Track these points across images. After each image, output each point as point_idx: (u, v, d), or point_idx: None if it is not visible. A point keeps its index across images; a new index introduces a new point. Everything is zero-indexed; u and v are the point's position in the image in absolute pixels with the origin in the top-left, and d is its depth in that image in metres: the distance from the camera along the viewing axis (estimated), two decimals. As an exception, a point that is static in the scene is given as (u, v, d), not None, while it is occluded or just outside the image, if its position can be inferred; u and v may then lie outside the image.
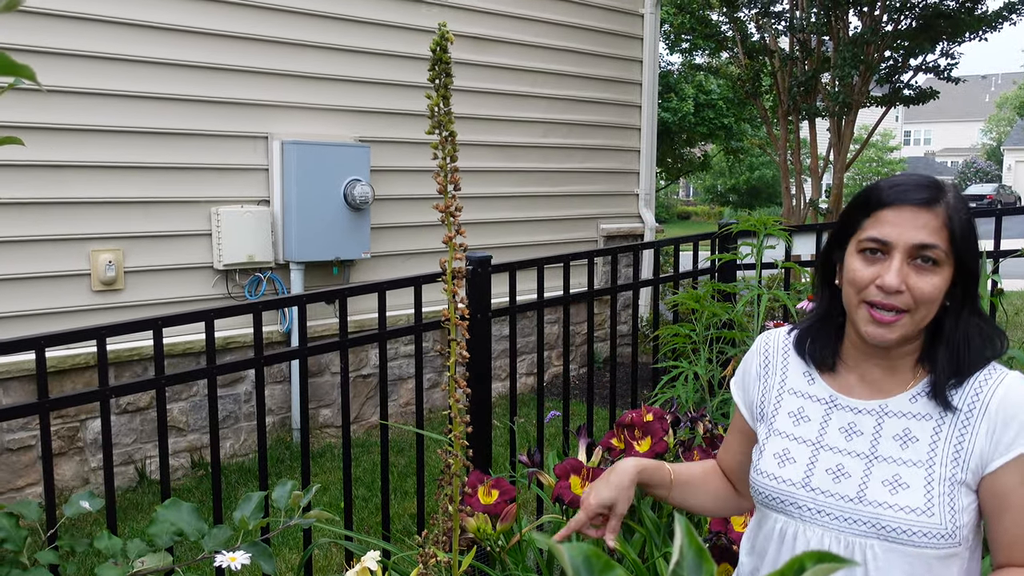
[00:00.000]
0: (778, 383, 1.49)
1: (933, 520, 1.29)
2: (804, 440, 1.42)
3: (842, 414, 1.40)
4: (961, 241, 1.31)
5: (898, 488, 1.32)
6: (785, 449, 1.43)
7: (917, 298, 1.30)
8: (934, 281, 1.30)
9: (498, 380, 6.26)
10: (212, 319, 2.18)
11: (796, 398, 1.46)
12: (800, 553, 0.69)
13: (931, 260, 1.30)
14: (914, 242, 1.30)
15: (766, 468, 1.44)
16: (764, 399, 1.50)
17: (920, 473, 1.31)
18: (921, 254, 1.30)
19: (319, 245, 5.31)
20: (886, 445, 1.35)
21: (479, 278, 2.71)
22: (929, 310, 1.32)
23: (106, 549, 1.97)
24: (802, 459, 1.40)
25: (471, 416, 2.80)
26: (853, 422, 1.39)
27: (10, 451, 4.36)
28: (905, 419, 1.35)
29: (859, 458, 1.36)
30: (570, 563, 0.69)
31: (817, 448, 1.40)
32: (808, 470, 1.39)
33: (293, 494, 2.08)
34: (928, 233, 1.30)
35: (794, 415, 1.45)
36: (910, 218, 1.30)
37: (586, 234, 7.13)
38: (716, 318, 3.24)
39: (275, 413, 5.41)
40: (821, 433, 1.41)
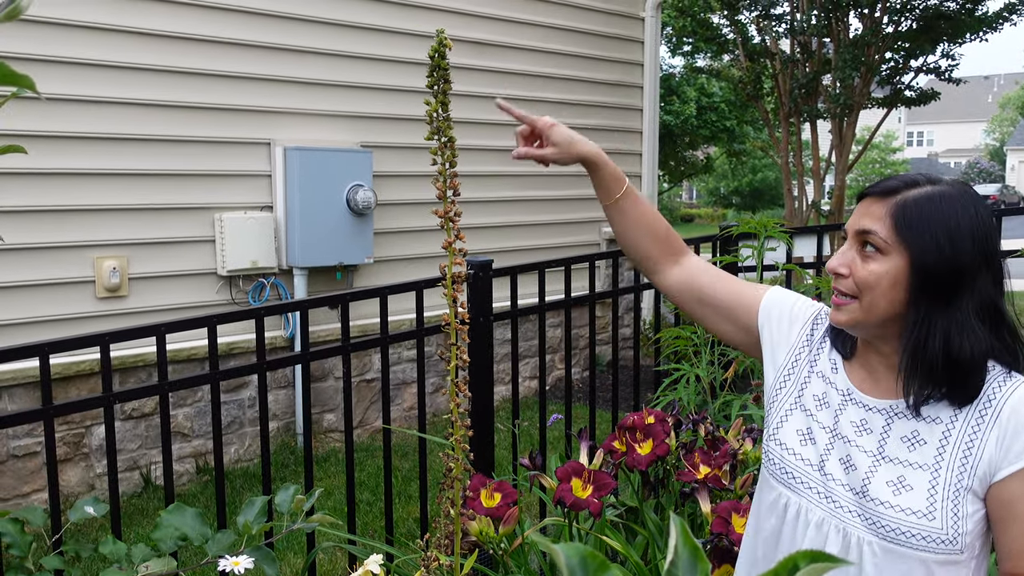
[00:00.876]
0: (811, 359, 1.49)
1: (934, 524, 1.29)
2: (824, 426, 1.43)
3: (855, 409, 1.41)
4: (910, 231, 1.30)
5: (901, 489, 1.32)
6: (809, 428, 1.44)
7: (857, 283, 1.33)
8: (871, 267, 1.32)
9: (501, 384, 6.26)
10: (215, 325, 2.20)
11: (822, 382, 1.47)
12: (795, 552, 0.70)
13: (874, 247, 1.32)
14: (856, 228, 1.35)
15: (787, 441, 1.44)
16: (796, 362, 1.50)
17: (925, 476, 1.31)
18: (864, 239, 1.34)
19: (322, 250, 5.33)
20: (893, 446, 1.35)
21: (480, 282, 2.72)
22: (874, 297, 1.32)
23: (111, 554, 1.99)
24: (821, 442, 1.42)
25: (473, 420, 2.81)
26: (864, 418, 1.39)
27: (16, 457, 4.38)
28: (914, 421, 1.35)
29: (867, 454, 1.37)
30: (565, 563, 0.70)
31: (833, 435, 1.41)
32: (825, 454, 1.40)
33: (296, 498, 2.09)
34: (871, 220, 1.33)
35: (818, 398, 1.46)
36: (863, 207, 1.36)
37: (589, 237, 7.14)
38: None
39: (279, 418, 5.42)
40: (836, 421, 1.42)
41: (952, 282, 1.29)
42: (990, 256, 1.31)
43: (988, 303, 1.30)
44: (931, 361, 1.30)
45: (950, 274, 1.29)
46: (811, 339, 1.51)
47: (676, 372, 3.23)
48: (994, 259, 1.32)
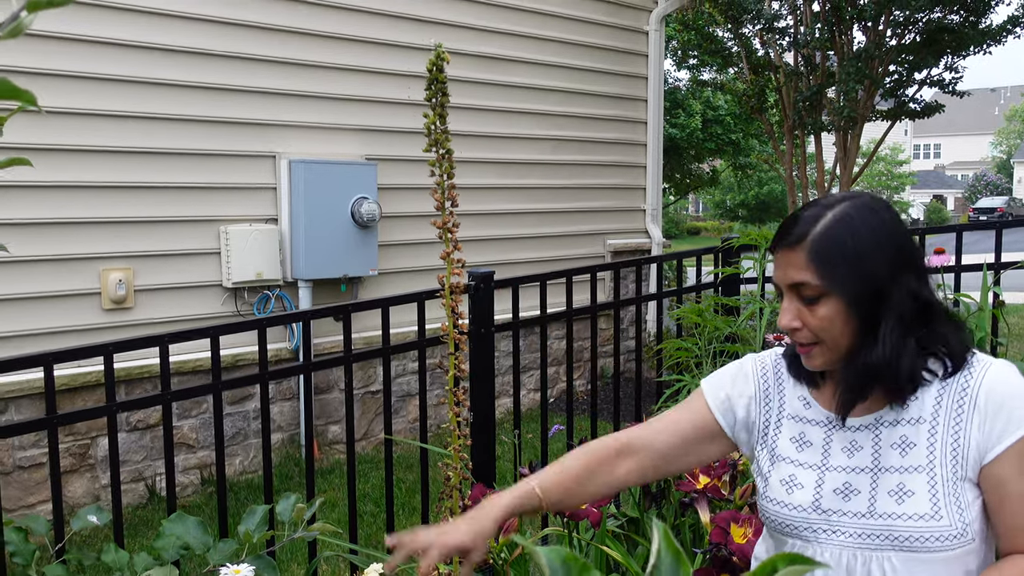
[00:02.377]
0: (777, 408, 1.50)
1: (942, 523, 1.31)
2: (809, 465, 1.43)
3: (842, 434, 1.42)
4: (833, 272, 1.33)
5: (904, 497, 1.34)
6: (792, 475, 1.44)
7: (814, 331, 1.35)
8: (821, 313, 1.34)
9: (505, 396, 6.28)
10: (217, 335, 2.22)
11: (796, 423, 1.47)
12: (774, 555, 0.71)
13: (810, 296, 1.34)
14: (787, 282, 1.37)
15: (775, 496, 1.45)
16: (766, 423, 1.50)
17: (923, 478, 1.34)
18: (799, 293, 1.36)
19: (327, 262, 5.36)
20: (887, 455, 1.37)
21: (482, 293, 2.74)
22: (834, 337, 1.35)
23: (113, 563, 2.01)
24: (809, 483, 1.42)
25: (475, 431, 2.83)
26: (853, 439, 1.41)
27: (21, 468, 4.40)
28: (900, 426, 1.38)
29: (864, 473, 1.38)
30: (547, 565, 0.72)
31: (823, 471, 1.42)
32: (816, 493, 1.41)
33: (297, 507, 2.11)
34: (795, 271, 1.35)
35: (796, 440, 1.46)
36: (784, 260, 1.37)
37: (593, 250, 7.16)
38: (719, 332, 3.26)
39: (284, 430, 5.44)
40: (825, 455, 1.42)
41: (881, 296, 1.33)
42: (903, 255, 1.35)
43: (916, 299, 1.34)
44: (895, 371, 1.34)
45: (874, 293, 1.33)
46: (767, 393, 1.51)
47: (677, 383, 3.24)
48: (909, 254, 1.36)
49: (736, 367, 1.56)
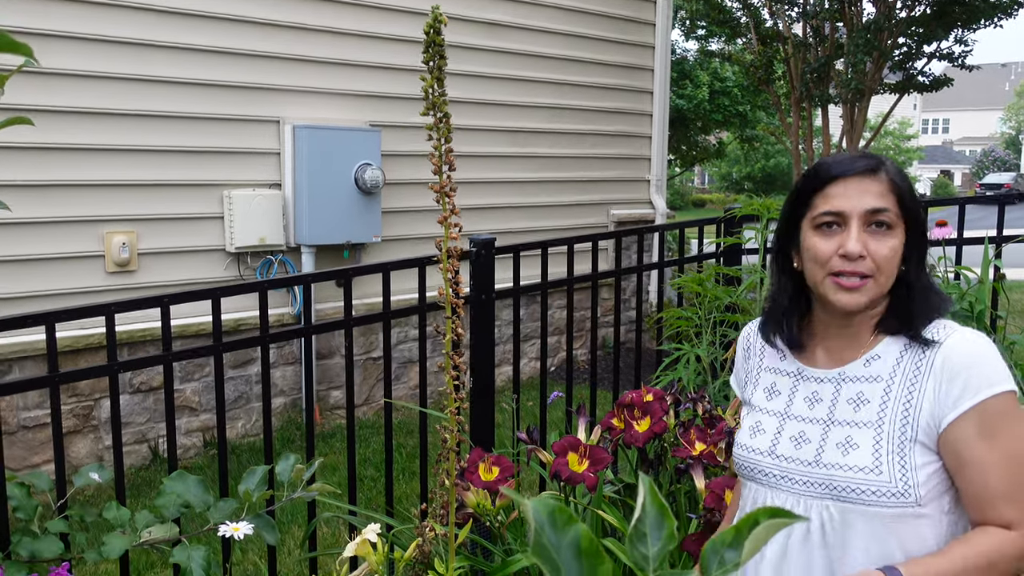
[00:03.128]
0: (756, 364, 1.58)
1: (882, 478, 1.33)
2: (774, 412, 1.49)
3: (807, 384, 1.47)
4: (909, 202, 1.39)
5: (849, 449, 1.37)
6: (758, 422, 1.51)
7: (878, 262, 1.37)
8: (891, 243, 1.38)
9: (505, 364, 6.30)
10: (219, 297, 2.23)
11: (770, 374, 1.54)
12: (756, 509, 0.73)
13: (884, 224, 1.37)
14: (867, 208, 1.37)
15: (741, 439, 1.52)
16: (747, 381, 1.59)
17: (869, 433, 1.36)
18: (875, 219, 1.37)
19: (330, 229, 5.36)
20: (842, 409, 1.41)
21: (483, 259, 2.74)
22: (890, 273, 1.39)
23: (114, 519, 2.03)
24: (771, 429, 1.48)
25: (474, 397, 2.84)
26: (816, 391, 1.45)
27: (26, 428, 4.44)
28: (859, 383, 1.41)
29: (818, 424, 1.43)
30: (534, 517, 0.73)
31: (784, 418, 1.47)
32: (775, 439, 1.46)
33: (296, 468, 2.13)
34: (877, 198, 1.37)
35: (768, 390, 1.53)
36: (858, 187, 1.38)
37: (596, 220, 7.15)
38: (719, 301, 3.27)
39: (287, 394, 5.48)
40: (788, 404, 1.48)
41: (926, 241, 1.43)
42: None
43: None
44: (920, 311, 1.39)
45: (923, 235, 1.42)
46: (748, 353, 1.61)
47: (677, 352, 3.25)
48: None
49: (736, 344, 1.66)
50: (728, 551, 0.73)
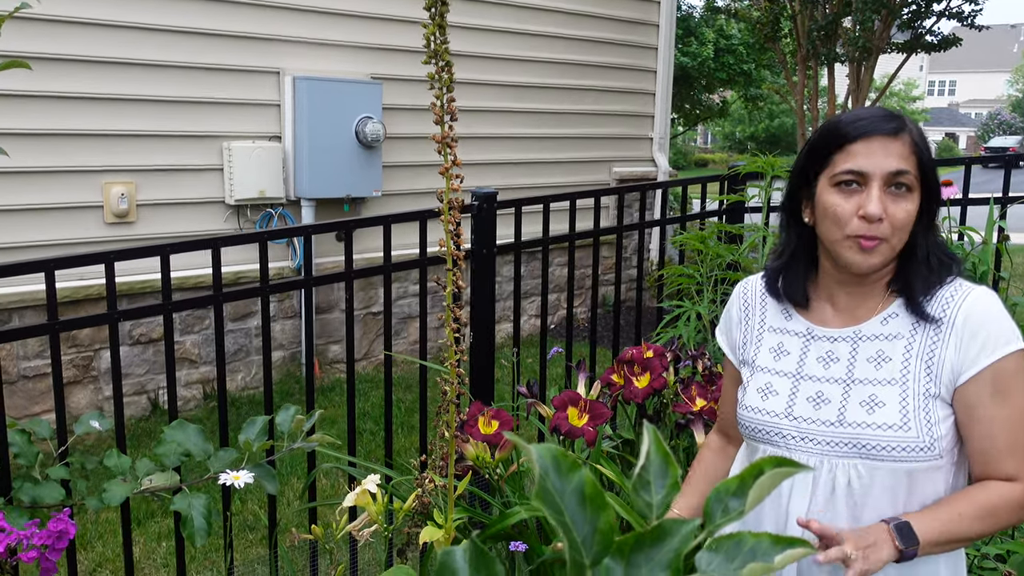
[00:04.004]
0: (758, 323, 1.54)
1: (910, 434, 1.34)
2: (785, 373, 1.47)
3: (819, 344, 1.45)
4: (927, 165, 1.38)
5: (875, 407, 1.37)
6: (768, 383, 1.48)
7: (895, 225, 1.36)
8: (908, 207, 1.36)
9: (505, 322, 6.30)
10: (219, 247, 2.22)
11: (775, 334, 1.51)
12: (760, 458, 0.72)
13: (904, 186, 1.35)
14: (890, 170, 1.35)
15: (750, 403, 1.49)
16: (746, 341, 1.55)
17: (895, 391, 1.36)
18: (896, 181, 1.35)
19: (330, 182, 5.33)
20: (862, 368, 1.40)
21: (485, 214, 2.72)
22: (904, 235, 1.37)
23: (115, 467, 2.04)
24: (784, 391, 1.46)
25: (475, 351, 2.84)
26: (831, 350, 1.44)
27: (26, 378, 4.45)
28: (878, 341, 1.40)
29: (837, 383, 1.41)
30: (538, 462, 0.72)
31: (797, 379, 1.45)
32: (790, 400, 1.45)
33: (296, 418, 2.13)
34: (900, 160, 1.35)
35: (775, 350, 1.50)
36: (881, 148, 1.35)
37: (598, 178, 7.11)
38: (721, 259, 3.26)
39: (286, 348, 5.49)
40: (800, 364, 1.46)
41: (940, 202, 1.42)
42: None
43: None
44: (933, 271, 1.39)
45: (938, 198, 1.41)
46: (747, 311, 1.57)
47: (677, 309, 3.25)
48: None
49: (728, 303, 1.62)
50: (732, 499, 0.72)
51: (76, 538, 3.27)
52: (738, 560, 0.73)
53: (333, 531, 2.01)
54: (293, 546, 3.14)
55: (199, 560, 3.44)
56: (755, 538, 0.72)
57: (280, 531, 2.57)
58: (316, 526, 2.04)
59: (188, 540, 1.94)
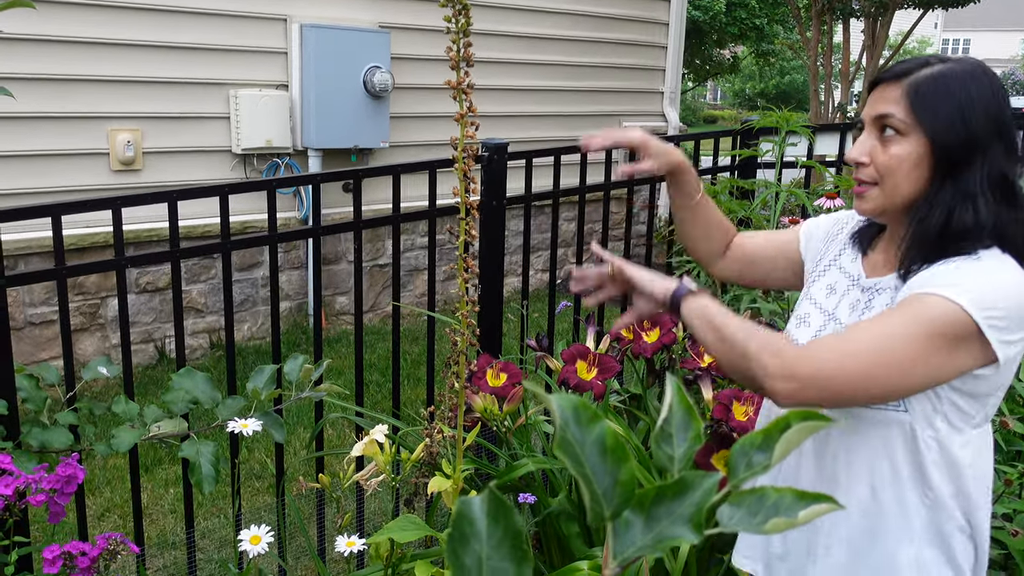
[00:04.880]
0: (834, 255, 1.52)
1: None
2: (825, 310, 1.47)
3: (856, 292, 1.44)
4: (930, 112, 1.29)
5: None
6: (807, 313, 1.49)
7: (879, 169, 1.33)
8: (893, 151, 1.31)
9: (513, 275, 6.29)
10: (226, 194, 2.19)
11: (838, 272, 1.49)
12: (789, 412, 0.70)
13: (892, 129, 1.31)
14: (874, 114, 1.33)
15: (789, 328, 1.51)
16: (818, 264, 1.54)
17: None
18: (882, 124, 1.33)
19: (338, 132, 5.27)
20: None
21: (495, 165, 2.69)
22: (896, 181, 1.31)
23: (123, 413, 2.04)
24: (815, 325, 1.46)
25: (483, 304, 2.83)
26: (859, 299, 1.43)
27: (33, 325, 4.46)
28: (888, 293, 1.38)
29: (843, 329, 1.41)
30: (558, 412, 0.70)
31: (829, 319, 1.45)
32: (816, 336, 1.44)
33: (304, 367, 2.13)
34: (888, 103, 1.32)
35: (829, 287, 1.49)
36: (881, 92, 1.34)
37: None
38: (733, 215, 3.22)
39: (292, 298, 5.48)
40: (837, 306, 1.45)
41: (965, 156, 1.29)
42: (1002, 127, 1.30)
43: (998, 174, 1.29)
44: (926, 234, 1.30)
45: (963, 148, 1.29)
46: (836, 237, 1.54)
47: (688, 265, 3.22)
48: (1007, 130, 1.30)
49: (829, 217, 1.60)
50: (757, 453, 0.71)
51: (85, 483, 3.30)
52: (761, 515, 0.72)
53: (340, 480, 2.02)
54: (300, 495, 3.17)
55: (207, 507, 3.47)
56: (778, 493, 0.71)
57: (287, 480, 2.58)
58: (323, 475, 2.04)
59: (196, 487, 1.95)
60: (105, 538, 1.72)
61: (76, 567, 1.67)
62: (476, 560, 0.66)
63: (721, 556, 2.25)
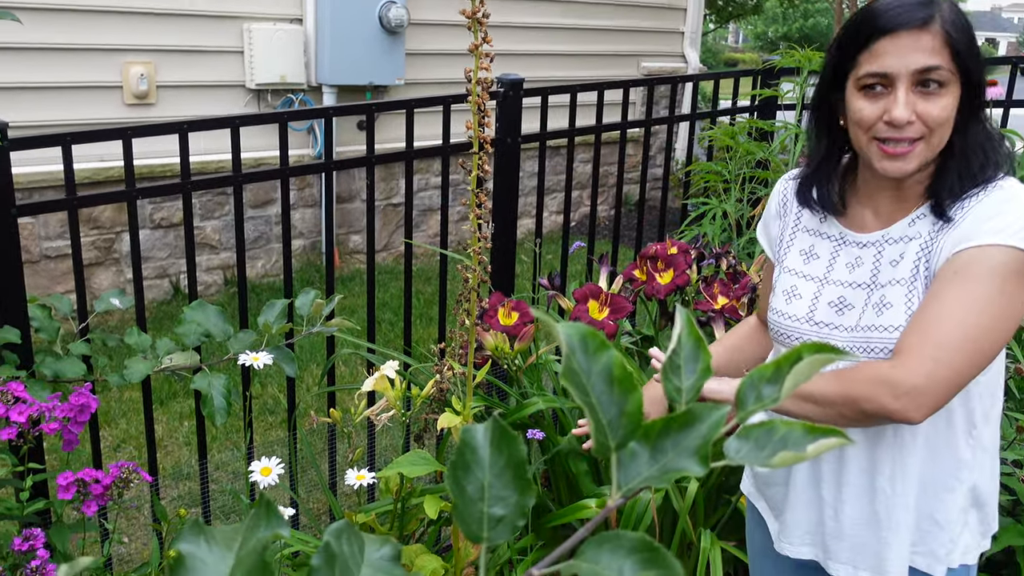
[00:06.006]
0: (794, 221, 1.48)
1: None
2: (812, 277, 1.42)
3: (849, 249, 1.39)
4: (966, 54, 1.25)
5: (883, 309, 1.31)
6: (793, 286, 1.44)
7: (930, 124, 1.26)
8: (943, 103, 1.25)
9: (527, 217, 6.25)
10: (237, 126, 2.17)
11: (808, 236, 1.45)
12: (800, 344, 0.69)
13: (937, 83, 1.24)
14: (916, 67, 1.24)
15: (776, 305, 1.45)
16: (781, 238, 1.50)
17: (902, 291, 1.30)
18: (925, 78, 1.24)
19: (352, 68, 5.21)
20: (884, 272, 1.34)
21: (510, 101, 2.65)
22: (944, 132, 1.27)
23: (136, 345, 2.04)
24: (808, 295, 1.41)
25: (496, 243, 2.81)
26: (859, 256, 1.38)
27: (48, 258, 4.48)
28: (902, 243, 1.33)
29: (860, 288, 1.36)
30: (566, 341, 0.69)
31: (823, 283, 1.40)
32: (812, 305, 1.40)
33: (316, 302, 2.13)
34: (928, 54, 1.23)
35: (805, 252, 1.45)
36: (908, 43, 1.24)
37: (626, 72, 6.93)
38: (751, 157, 3.18)
39: (305, 237, 5.48)
40: (828, 269, 1.41)
41: (983, 90, 1.29)
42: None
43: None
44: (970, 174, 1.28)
45: (980, 85, 1.28)
46: (785, 208, 1.50)
47: (703, 207, 3.19)
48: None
49: (769, 197, 1.56)
50: (766, 386, 0.70)
51: (100, 415, 3.35)
52: (768, 448, 0.70)
53: (351, 415, 2.03)
54: (312, 429, 3.20)
55: (220, 440, 3.51)
56: (787, 426, 0.70)
57: (299, 415, 2.60)
58: (335, 410, 2.05)
59: (208, 419, 1.96)
60: (118, 467, 1.73)
61: (90, 494, 1.69)
62: (479, 488, 0.66)
63: (728, 497, 2.26)
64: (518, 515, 0.64)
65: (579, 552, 0.62)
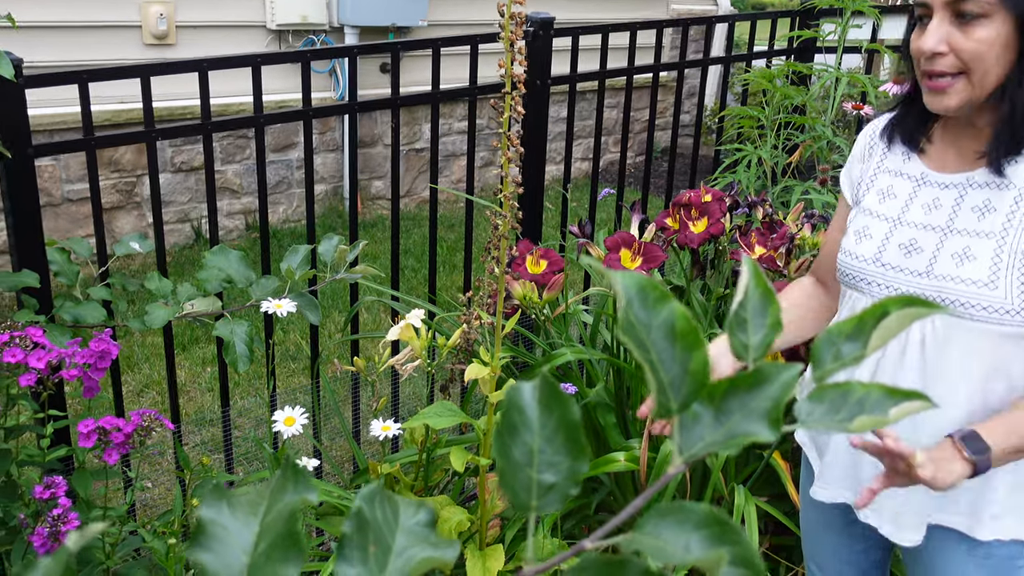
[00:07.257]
0: (876, 163, 1.43)
1: (996, 294, 1.21)
2: (885, 217, 1.37)
3: (929, 190, 1.33)
4: None
5: (965, 260, 1.25)
6: (865, 226, 1.39)
7: (965, 57, 1.19)
8: (979, 35, 1.18)
9: (553, 164, 6.14)
10: (259, 64, 2.09)
11: (889, 176, 1.40)
12: (887, 298, 0.62)
13: (973, 14, 1.17)
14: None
15: (847, 245, 1.41)
16: (862, 180, 1.45)
17: (990, 245, 1.23)
18: (959, 9, 1.18)
19: (375, 8, 5.08)
20: (964, 217, 1.27)
21: (540, 41, 2.55)
22: (987, 68, 1.19)
23: (157, 290, 2.00)
24: (878, 235, 1.36)
25: (524, 188, 2.73)
26: (937, 197, 1.32)
27: (70, 201, 4.44)
28: (988, 189, 1.26)
29: (934, 232, 1.30)
30: (623, 292, 0.62)
31: (896, 224, 1.34)
32: (881, 246, 1.34)
33: (339, 248, 2.07)
34: None
35: (882, 192, 1.39)
36: None
37: (655, 13, 6.75)
38: (788, 101, 3.06)
39: (327, 181, 5.41)
40: (904, 210, 1.35)
41: None
42: None
43: None
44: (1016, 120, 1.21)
45: None
46: (871, 150, 1.45)
47: (737, 153, 3.09)
48: None
49: (857, 139, 1.50)
50: (847, 343, 0.63)
51: (122, 360, 3.33)
52: (844, 411, 0.64)
53: (375, 364, 1.98)
54: (335, 377, 3.16)
55: (243, 386, 3.49)
56: (864, 388, 0.63)
57: (322, 362, 2.56)
58: (358, 358, 2.00)
59: (231, 366, 1.92)
60: (139, 414, 1.70)
61: (111, 442, 1.65)
62: (527, 452, 0.60)
63: (761, 451, 2.20)
64: (571, 483, 0.58)
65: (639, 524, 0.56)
